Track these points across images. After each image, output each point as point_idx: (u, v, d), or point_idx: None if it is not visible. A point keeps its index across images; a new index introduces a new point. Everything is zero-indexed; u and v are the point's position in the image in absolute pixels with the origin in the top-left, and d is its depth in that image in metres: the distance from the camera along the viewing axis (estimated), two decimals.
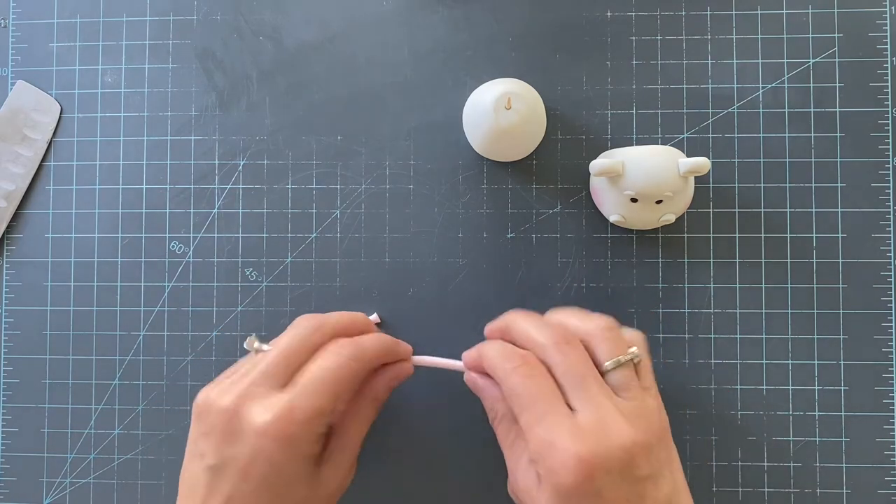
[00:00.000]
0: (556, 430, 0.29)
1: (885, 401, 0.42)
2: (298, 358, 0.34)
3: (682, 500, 0.31)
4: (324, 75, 0.45)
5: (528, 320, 0.35)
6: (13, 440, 0.45)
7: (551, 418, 0.30)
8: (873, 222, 0.43)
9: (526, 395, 0.31)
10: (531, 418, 0.30)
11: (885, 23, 0.43)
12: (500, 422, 0.34)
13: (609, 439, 0.29)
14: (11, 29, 0.46)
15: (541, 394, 0.31)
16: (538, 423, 0.30)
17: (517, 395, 0.31)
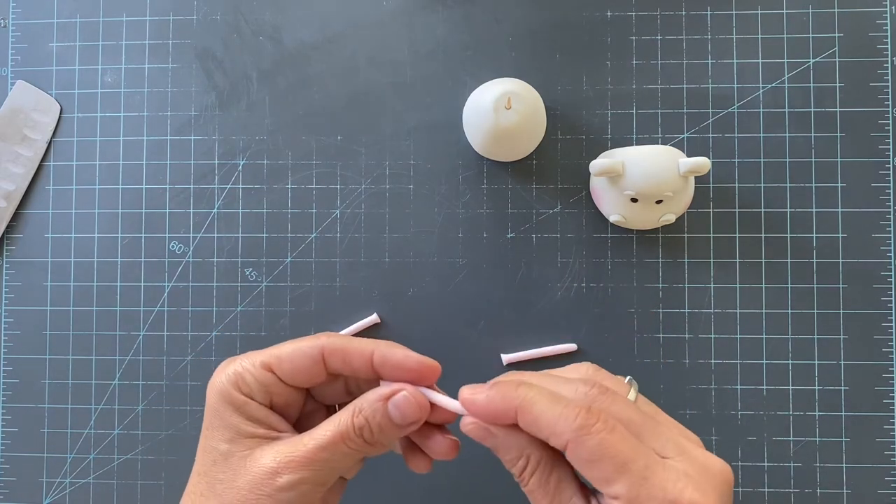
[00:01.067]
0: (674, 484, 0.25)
1: (885, 401, 0.42)
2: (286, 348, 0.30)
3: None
4: (324, 75, 0.45)
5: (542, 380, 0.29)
6: (13, 440, 0.45)
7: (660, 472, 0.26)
8: (873, 222, 0.43)
9: (619, 455, 0.25)
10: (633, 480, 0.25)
11: (885, 23, 0.43)
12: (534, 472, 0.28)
13: (715, 478, 0.27)
14: (11, 29, 0.46)
15: (633, 449, 0.26)
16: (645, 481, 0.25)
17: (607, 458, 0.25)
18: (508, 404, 0.27)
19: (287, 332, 0.44)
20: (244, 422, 0.29)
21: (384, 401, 0.29)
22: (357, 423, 0.29)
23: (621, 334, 0.43)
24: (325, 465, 0.28)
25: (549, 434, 0.26)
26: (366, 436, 0.29)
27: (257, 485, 0.28)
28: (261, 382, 0.29)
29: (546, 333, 0.43)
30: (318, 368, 0.30)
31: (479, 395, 0.28)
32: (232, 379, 0.29)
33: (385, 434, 0.29)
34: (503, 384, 0.28)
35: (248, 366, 0.29)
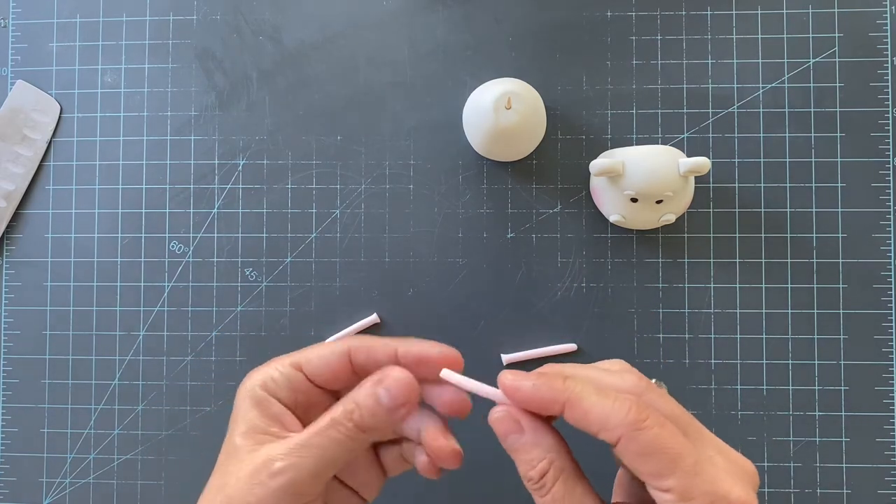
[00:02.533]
0: (723, 480, 0.26)
1: (885, 401, 0.42)
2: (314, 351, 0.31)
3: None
4: (324, 75, 0.45)
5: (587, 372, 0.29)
6: (13, 440, 0.45)
7: (709, 469, 0.26)
8: (873, 222, 0.43)
9: (671, 450, 0.25)
10: (686, 474, 0.25)
11: (885, 23, 0.43)
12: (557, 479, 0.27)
13: (751, 478, 0.27)
14: (11, 29, 0.46)
15: (683, 445, 0.26)
16: (696, 477, 0.25)
17: (660, 453, 0.25)
18: (556, 396, 0.27)
19: (287, 332, 0.44)
20: (260, 417, 0.29)
21: (375, 384, 0.28)
22: (348, 409, 0.28)
23: (621, 334, 0.43)
24: (317, 452, 0.28)
25: (600, 428, 0.26)
26: (356, 419, 0.28)
27: (254, 473, 0.28)
28: (288, 380, 0.30)
29: (546, 333, 0.43)
30: (346, 367, 0.30)
31: (525, 383, 0.27)
32: (260, 379, 0.30)
33: (375, 418, 0.28)
34: (549, 375, 0.27)
35: (278, 366, 0.30)
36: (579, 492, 0.27)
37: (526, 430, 0.28)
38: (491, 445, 0.29)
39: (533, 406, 0.27)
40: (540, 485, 0.27)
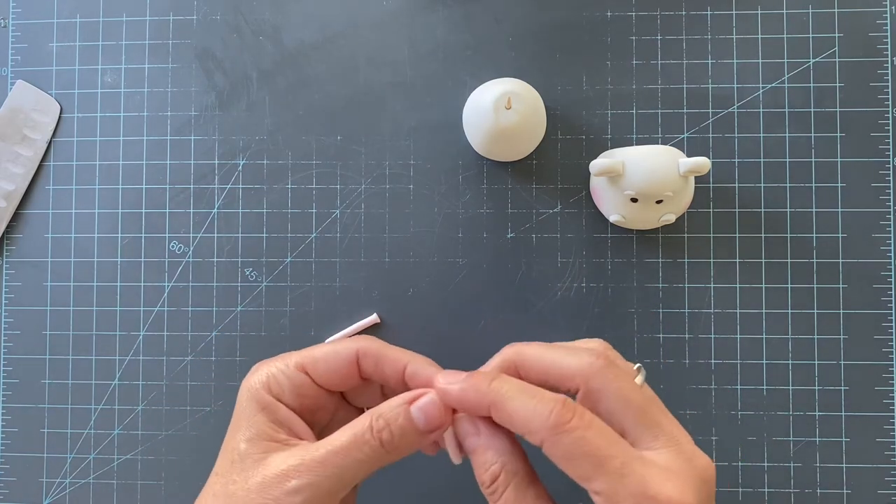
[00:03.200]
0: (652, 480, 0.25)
1: (885, 401, 0.42)
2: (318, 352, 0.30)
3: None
4: (324, 75, 0.45)
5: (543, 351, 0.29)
6: (13, 440, 0.45)
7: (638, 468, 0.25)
8: (873, 222, 0.43)
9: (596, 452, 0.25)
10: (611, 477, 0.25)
11: (885, 22, 0.43)
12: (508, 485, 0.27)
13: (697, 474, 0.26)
14: (11, 29, 0.46)
15: (610, 445, 0.25)
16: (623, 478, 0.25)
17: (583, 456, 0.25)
18: (482, 399, 0.27)
19: (287, 332, 0.44)
20: (267, 423, 0.28)
21: (407, 404, 0.28)
22: (377, 427, 0.27)
23: (621, 334, 0.43)
24: (337, 472, 0.27)
25: (525, 431, 0.26)
26: (384, 440, 0.27)
27: (266, 487, 0.27)
28: (293, 383, 0.29)
29: (546, 333, 0.43)
30: (352, 371, 0.30)
31: (453, 386, 0.27)
32: (264, 380, 0.29)
33: (406, 439, 0.28)
34: (478, 376, 0.27)
35: (282, 367, 0.29)
36: (531, 496, 0.27)
37: (481, 433, 0.28)
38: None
39: (464, 409, 0.27)
40: (492, 489, 0.27)
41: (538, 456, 0.26)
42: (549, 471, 0.27)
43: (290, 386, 0.29)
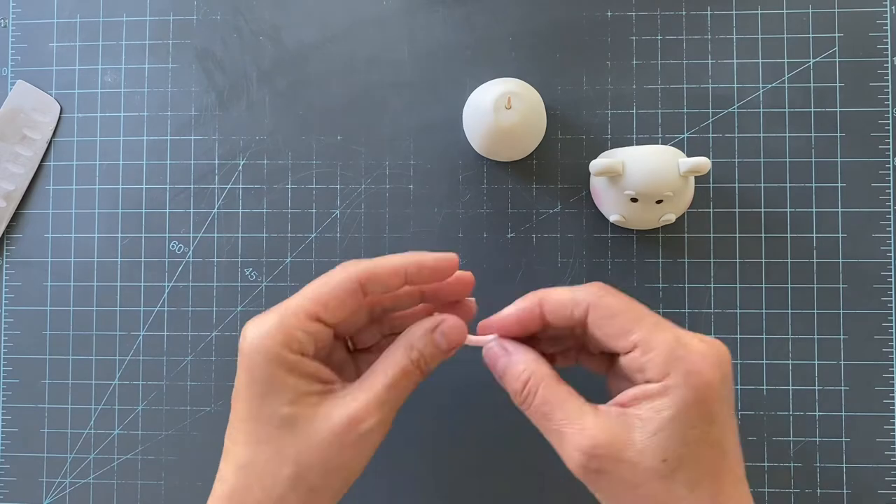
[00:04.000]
0: (683, 334, 0.28)
1: (885, 401, 0.42)
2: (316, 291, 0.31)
3: None
4: (324, 75, 0.45)
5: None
6: (13, 440, 0.45)
7: (669, 326, 0.29)
8: (874, 222, 0.43)
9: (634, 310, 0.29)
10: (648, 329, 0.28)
11: (885, 22, 0.43)
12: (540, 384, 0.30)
13: (719, 346, 0.29)
14: (11, 29, 0.46)
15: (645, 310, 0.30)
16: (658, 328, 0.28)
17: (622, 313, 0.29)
18: (532, 303, 0.31)
19: None
20: (301, 381, 0.29)
21: (431, 332, 0.31)
22: (414, 358, 0.31)
23: None
24: (394, 403, 0.30)
25: (573, 306, 0.30)
26: (422, 367, 0.31)
27: (338, 437, 0.29)
28: (309, 334, 0.29)
29: None
30: (358, 300, 0.31)
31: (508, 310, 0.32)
32: (280, 339, 0.29)
33: (436, 360, 0.31)
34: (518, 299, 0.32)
35: (294, 321, 0.29)
36: (563, 392, 0.30)
37: (511, 352, 0.31)
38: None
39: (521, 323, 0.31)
40: (525, 394, 0.30)
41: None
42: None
43: (307, 338, 0.29)
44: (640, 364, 0.28)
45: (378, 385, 0.30)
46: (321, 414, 0.29)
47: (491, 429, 0.43)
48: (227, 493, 0.29)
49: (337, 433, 0.29)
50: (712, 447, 0.27)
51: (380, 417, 0.29)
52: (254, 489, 0.29)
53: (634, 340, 0.28)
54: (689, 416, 0.27)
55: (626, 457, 0.27)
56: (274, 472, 0.29)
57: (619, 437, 0.27)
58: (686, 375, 0.27)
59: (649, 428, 0.27)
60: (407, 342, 0.31)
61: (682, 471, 0.27)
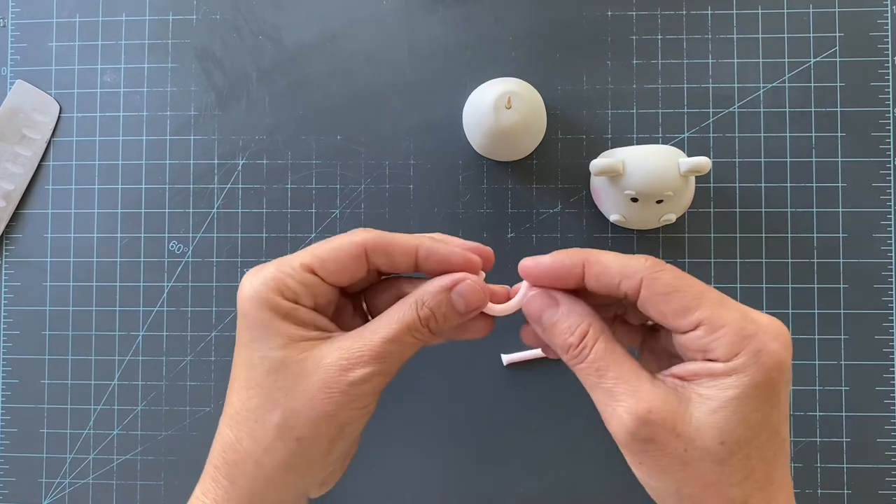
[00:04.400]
0: (749, 311, 0.26)
1: (885, 401, 0.42)
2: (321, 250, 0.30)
3: None
4: (324, 75, 0.45)
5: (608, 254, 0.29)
6: (12, 441, 0.45)
7: (734, 303, 0.26)
8: (874, 222, 0.43)
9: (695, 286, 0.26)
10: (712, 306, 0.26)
11: (885, 22, 0.43)
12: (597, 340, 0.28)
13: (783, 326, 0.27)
14: (11, 28, 0.46)
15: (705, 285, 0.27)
16: (723, 306, 0.26)
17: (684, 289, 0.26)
18: (575, 259, 0.28)
19: None
20: (294, 327, 0.28)
21: (447, 291, 0.29)
22: (423, 315, 0.29)
23: None
24: (392, 357, 0.28)
25: (622, 277, 0.27)
26: (431, 326, 0.29)
27: (327, 384, 0.27)
28: (305, 285, 0.29)
29: None
30: (361, 265, 0.29)
31: (545, 258, 0.29)
32: (273, 286, 0.28)
33: (449, 322, 0.29)
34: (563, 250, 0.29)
35: (288, 270, 0.28)
36: (620, 351, 0.28)
37: (561, 303, 0.29)
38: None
39: (554, 277, 0.29)
40: (581, 347, 0.28)
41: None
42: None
43: (301, 288, 0.29)
44: (704, 343, 0.26)
45: (377, 335, 0.28)
46: (311, 360, 0.28)
47: (491, 427, 0.43)
48: (221, 445, 0.29)
49: (325, 380, 0.27)
50: (772, 433, 0.26)
51: (374, 369, 0.28)
52: (243, 440, 0.28)
53: (698, 318, 0.26)
54: (755, 397, 0.25)
55: (681, 430, 0.25)
56: (262, 418, 0.28)
57: (677, 409, 0.26)
58: (757, 354, 0.25)
59: (710, 406, 0.25)
60: (419, 297, 0.29)
61: (738, 455, 0.25)
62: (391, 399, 0.40)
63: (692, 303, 0.26)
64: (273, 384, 0.28)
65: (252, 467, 0.28)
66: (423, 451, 0.43)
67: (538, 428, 0.42)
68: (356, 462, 0.36)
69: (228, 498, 0.28)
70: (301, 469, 0.28)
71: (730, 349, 0.26)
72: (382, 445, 0.43)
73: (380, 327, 0.29)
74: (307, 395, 0.27)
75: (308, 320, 0.29)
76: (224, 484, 0.28)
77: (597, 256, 0.28)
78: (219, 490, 0.29)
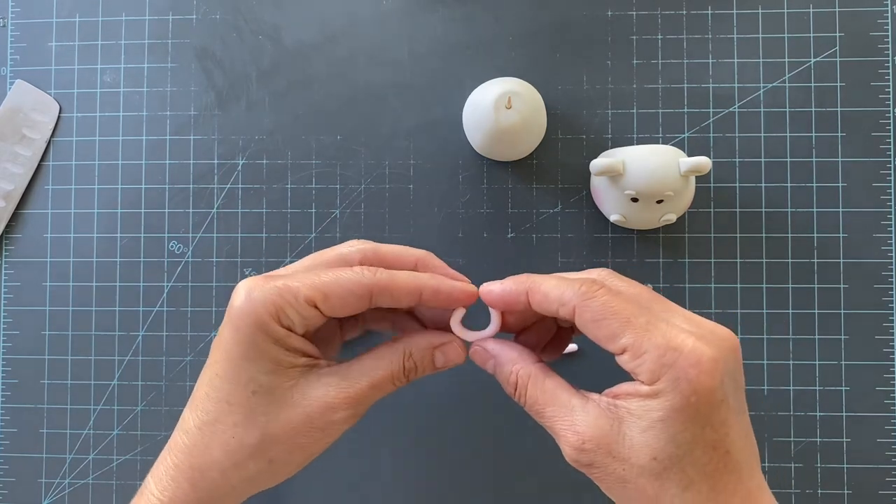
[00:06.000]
0: (672, 333, 0.27)
1: (886, 401, 0.42)
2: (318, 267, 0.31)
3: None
4: (324, 75, 0.45)
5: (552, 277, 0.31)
6: (12, 441, 0.45)
7: (661, 326, 0.27)
8: (874, 222, 0.43)
9: (622, 312, 0.28)
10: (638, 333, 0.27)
11: (886, 22, 0.43)
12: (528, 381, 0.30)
13: (723, 341, 0.28)
14: (11, 28, 0.46)
15: (637, 307, 0.28)
16: (647, 332, 0.27)
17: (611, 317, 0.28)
18: (520, 286, 0.30)
19: None
20: (284, 353, 0.29)
21: (433, 349, 0.32)
22: (408, 367, 0.31)
23: None
24: (371, 400, 0.30)
25: (558, 305, 0.29)
26: (410, 376, 0.31)
27: (310, 419, 0.29)
28: (302, 316, 0.29)
29: None
30: (363, 304, 0.30)
31: (495, 285, 0.31)
32: (272, 311, 0.29)
33: (425, 373, 0.32)
34: (515, 276, 0.31)
35: (290, 299, 0.29)
36: (550, 387, 0.30)
37: (494, 355, 0.31)
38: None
39: (506, 302, 0.31)
40: (518, 394, 0.31)
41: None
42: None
43: (299, 319, 0.29)
44: (631, 367, 0.28)
45: (363, 381, 0.30)
46: (298, 390, 0.29)
47: (490, 427, 0.43)
48: (188, 446, 0.29)
49: (309, 414, 0.29)
50: (708, 449, 0.27)
51: (354, 411, 0.30)
52: (214, 450, 0.29)
53: (623, 345, 0.27)
54: (679, 420, 0.26)
55: (616, 451, 0.27)
56: (239, 436, 0.29)
57: (609, 432, 0.27)
58: (675, 382, 0.26)
59: (641, 425, 0.27)
60: (406, 349, 0.31)
61: (673, 470, 0.27)
62: (391, 400, 0.40)
63: (618, 330, 0.27)
64: (256, 407, 0.29)
65: (217, 476, 0.29)
66: (422, 451, 0.43)
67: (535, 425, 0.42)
68: (356, 463, 0.36)
69: (187, 500, 0.29)
70: (262, 483, 0.30)
71: (651, 375, 0.27)
72: (379, 445, 0.43)
73: (366, 370, 0.30)
74: (289, 426, 0.29)
75: (297, 347, 0.30)
76: (184, 487, 0.29)
77: (538, 285, 0.30)
78: (178, 491, 0.29)
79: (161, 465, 0.30)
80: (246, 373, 0.29)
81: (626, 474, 0.27)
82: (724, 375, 0.27)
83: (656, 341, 0.27)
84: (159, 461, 0.30)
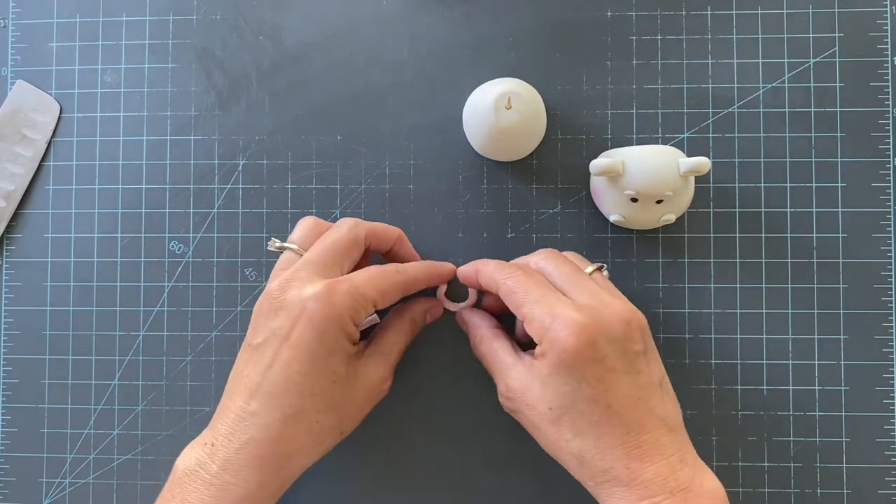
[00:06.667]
0: (557, 306, 0.33)
1: (885, 401, 0.42)
2: (341, 253, 0.37)
3: (670, 387, 0.36)
4: (324, 75, 0.45)
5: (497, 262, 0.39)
6: (12, 440, 0.45)
7: (551, 299, 0.34)
8: (874, 222, 0.43)
9: (524, 288, 0.35)
10: (531, 304, 0.34)
11: (885, 22, 0.43)
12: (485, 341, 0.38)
13: (608, 311, 0.33)
14: (11, 29, 0.46)
15: (537, 285, 0.35)
16: (538, 304, 0.34)
17: (518, 291, 0.35)
18: (471, 268, 0.39)
19: None
20: (350, 346, 0.36)
21: (425, 312, 0.41)
22: (413, 328, 0.41)
23: None
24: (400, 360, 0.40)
25: (492, 283, 0.37)
26: (414, 333, 0.41)
27: (371, 393, 0.37)
28: (366, 313, 0.36)
29: None
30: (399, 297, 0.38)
31: (462, 268, 0.40)
32: (352, 314, 0.35)
33: (422, 325, 0.42)
34: (475, 261, 0.40)
35: (361, 301, 0.35)
36: (495, 347, 0.37)
37: (465, 319, 0.41)
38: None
39: (466, 280, 0.40)
40: (476, 352, 0.39)
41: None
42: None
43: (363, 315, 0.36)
44: (530, 332, 0.34)
45: (395, 351, 0.39)
46: (360, 373, 0.36)
47: (490, 426, 0.43)
48: (273, 438, 0.34)
49: (370, 389, 0.37)
50: (589, 402, 0.32)
51: (393, 374, 0.39)
52: (300, 436, 0.34)
53: (522, 314, 0.34)
54: (559, 375, 0.33)
55: (528, 401, 0.34)
56: (323, 420, 0.35)
57: (526, 385, 0.34)
58: (552, 343, 0.33)
59: (539, 380, 0.33)
60: (410, 316, 0.41)
61: (565, 418, 0.33)
62: (392, 400, 0.40)
63: (520, 302, 0.34)
64: (335, 393, 0.35)
65: (303, 457, 0.35)
66: (422, 448, 0.43)
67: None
68: (356, 465, 0.37)
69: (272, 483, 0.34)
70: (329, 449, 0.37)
71: (538, 338, 0.34)
72: (379, 445, 0.43)
73: (394, 340, 0.39)
74: (356, 402, 0.37)
75: (355, 338, 0.36)
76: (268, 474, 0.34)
77: (482, 267, 0.38)
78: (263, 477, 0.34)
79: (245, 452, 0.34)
80: (328, 367, 0.34)
81: (537, 420, 0.34)
82: (596, 338, 0.32)
83: (543, 311, 0.33)
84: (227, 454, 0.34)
